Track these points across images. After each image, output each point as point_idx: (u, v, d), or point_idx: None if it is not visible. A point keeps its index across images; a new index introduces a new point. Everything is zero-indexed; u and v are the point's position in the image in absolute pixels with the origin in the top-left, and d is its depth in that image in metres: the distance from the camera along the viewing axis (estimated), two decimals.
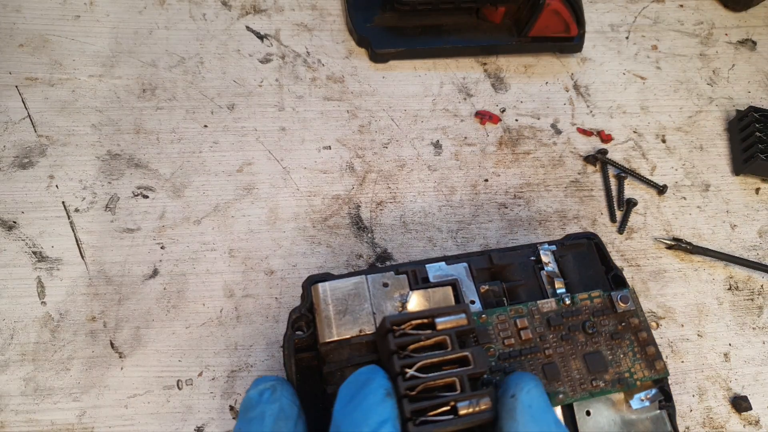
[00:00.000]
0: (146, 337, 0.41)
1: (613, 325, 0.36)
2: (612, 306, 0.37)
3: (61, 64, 0.48)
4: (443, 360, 0.30)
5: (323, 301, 0.35)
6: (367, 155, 0.48)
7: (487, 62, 0.52)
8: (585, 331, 0.36)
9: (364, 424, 0.28)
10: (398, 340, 0.30)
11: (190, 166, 0.46)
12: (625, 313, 0.37)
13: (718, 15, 0.58)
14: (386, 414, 0.28)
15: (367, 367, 0.31)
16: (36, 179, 0.44)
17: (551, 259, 0.39)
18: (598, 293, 0.37)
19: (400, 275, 0.36)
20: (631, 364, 0.35)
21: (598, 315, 0.36)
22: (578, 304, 0.37)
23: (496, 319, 0.35)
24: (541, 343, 0.35)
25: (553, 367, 0.34)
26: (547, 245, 0.39)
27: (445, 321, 0.31)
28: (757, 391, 0.43)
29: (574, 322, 0.36)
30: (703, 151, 0.52)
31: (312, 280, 0.36)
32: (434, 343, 0.31)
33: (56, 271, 0.42)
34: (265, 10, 0.52)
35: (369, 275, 0.36)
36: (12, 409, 0.38)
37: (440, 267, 0.38)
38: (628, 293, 0.37)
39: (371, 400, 0.29)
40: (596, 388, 0.34)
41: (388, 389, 0.29)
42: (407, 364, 0.30)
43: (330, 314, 0.34)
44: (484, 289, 0.37)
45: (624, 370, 0.35)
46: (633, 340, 0.36)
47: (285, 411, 0.31)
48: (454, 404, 0.29)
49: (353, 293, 0.35)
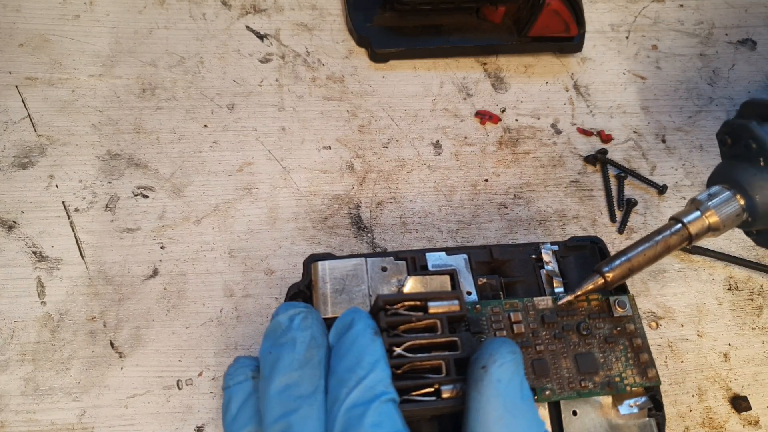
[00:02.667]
0: (146, 337, 0.41)
1: (608, 329, 0.36)
2: (609, 310, 0.37)
3: (60, 63, 0.48)
4: (432, 343, 0.30)
5: (321, 279, 0.35)
6: (367, 155, 0.48)
7: (487, 62, 0.52)
8: (579, 332, 0.36)
9: (358, 366, 0.28)
10: (389, 319, 0.30)
11: (190, 166, 0.46)
12: (621, 318, 0.36)
13: (718, 15, 0.57)
14: (378, 353, 0.28)
15: (349, 310, 0.31)
16: (36, 179, 0.44)
17: (552, 259, 0.39)
18: (596, 296, 0.37)
19: (399, 261, 0.37)
20: (622, 368, 0.35)
21: (593, 317, 0.36)
22: (574, 304, 0.37)
23: (490, 310, 0.36)
24: (533, 338, 0.35)
25: (542, 363, 0.34)
26: (549, 245, 0.39)
27: (437, 305, 0.31)
28: (757, 391, 0.43)
29: (569, 322, 0.36)
30: (703, 151, 0.52)
31: (313, 258, 0.37)
32: (425, 326, 0.31)
33: (56, 271, 0.42)
34: (265, 10, 0.52)
35: (369, 258, 0.36)
36: (12, 409, 0.38)
37: (440, 257, 0.38)
38: (627, 299, 0.37)
39: (361, 342, 0.29)
40: (584, 388, 0.34)
41: (374, 328, 0.29)
42: (396, 342, 0.30)
43: (327, 292, 0.35)
44: (482, 281, 0.37)
45: (615, 374, 0.35)
46: (627, 345, 0.36)
47: (317, 339, 0.30)
48: (438, 387, 0.29)
49: (351, 274, 0.36)
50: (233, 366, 0.32)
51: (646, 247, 0.35)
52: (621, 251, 0.36)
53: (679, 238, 0.35)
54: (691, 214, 0.35)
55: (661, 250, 0.35)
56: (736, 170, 0.36)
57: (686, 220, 0.35)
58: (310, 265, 0.36)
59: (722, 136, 0.38)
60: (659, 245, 0.35)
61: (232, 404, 0.30)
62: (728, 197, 0.35)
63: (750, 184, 0.35)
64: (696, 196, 0.36)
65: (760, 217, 0.35)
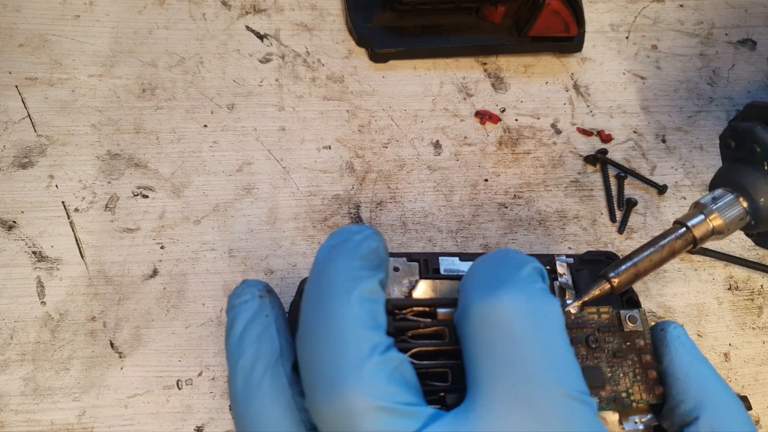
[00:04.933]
0: (146, 337, 0.41)
1: (618, 343, 0.36)
2: (619, 324, 0.36)
3: (60, 63, 0.48)
4: (439, 350, 0.30)
5: None
6: (367, 155, 0.48)
7: (487, 62, 0.52)
8: (588, 345, 0.35)
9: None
10: (397, 324, 0.30)
11: (190, 165, 0.46)
12: (631, 333, 0.36)
13: (718, 15, 0.57)
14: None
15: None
16: (36, 179, 0.44)
17: (566, 271, 0.39)
18: (606, 309, 0.36)
19: (411, 262, 0.36)
20: (630, 384, 0.34)
21: (603, 330, 0.36)
22: (585, 317, 0.36)
23: None
24: None
25: None
26: (565, 257, 0.39)
27: (447, 312, 0.31)
28: (757, 391, 0.43)
29: (578, 334, 0.36)
30: (703, 151, 0.52)
31: None
32: (433, 332, 0.31)
33: (56, 271, 0.42)
34: (265, 10, 0.52)
35: None
36: (12, 409, 0.38)
37: (453, 261, 0.38)
38: (638, 314, 0.37)
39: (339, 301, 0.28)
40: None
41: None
42: (403, 348, 0.30)
43: None
44: None
45: (622, 389, 0.34)
46: (636, 361, 0.35)
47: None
48: (443, 395, 0.29)
49: None
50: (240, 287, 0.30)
51: (652, 251, 0.35)
52: (626, 256, 0.36)
53: (683, 242, 0.35)
54: (695, 218, 0.35)
55: (667, 255, 0.35)
56: (739, 173, 0.36)
57: (690, 223, 0.35)
58: None
59: (725, 139, 0.38)
60: (664, 249, 0.35)
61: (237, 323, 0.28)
62: (732, 200, 0.35)
63: (754, 187, 0.35)
64: (699, 200, 0.36)
65: (764, 220, 0.35)
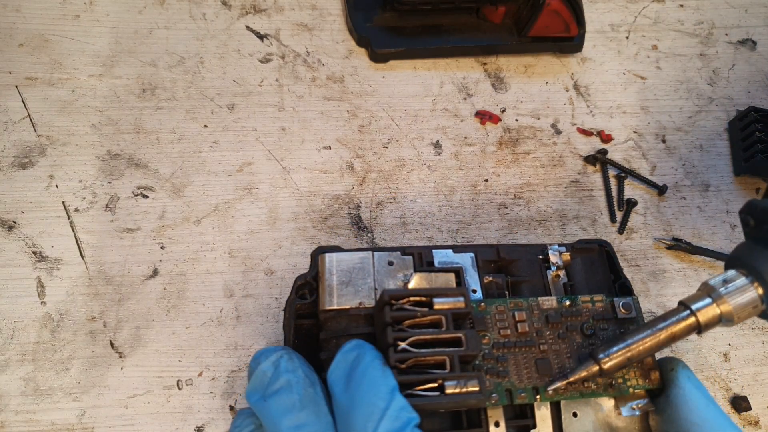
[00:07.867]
0: (146, 337, 0.41)
1: (612, 330, 0.36)
2: (613, 312, 0.37)
3: (60, 63, 0.48)
4: (436, 338, 0.30)
5: (328, 270, 0.35)
6: (367, 155, 0.48)
7: (487, 62, 0.52)
8: (583, 333, 0.36)
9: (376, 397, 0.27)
10: (394, 314, 0.31)
11: (190, 166, 0.46)
12: (625, 321, 0.36)
13: (718, 15, 0.57)
14: (392, 381, 0.28)
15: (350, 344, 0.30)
16: (36, 179, 0.44)
17: (559, 260, 0.39)
18: (600, 297, 0.37)
19: (406, 256, 0.37)
20: (625, 370, 0.35)
21: (598, 318, 0.36)
22: (579, 305, 0.36)
23: (494, 309, 0.36)
24: (537, 338, 0.35)
25: (545, 363, 0.34)
26: (557, 246, 0.39)
27: (443, 302, 0.31)
28: (757, 391, 0.43)
29: (573, 322, 0.36)
30: (703, 151, 0.52)
31: (321, 249, 0.37)
32: (430, 322, 0.31)
33: (56, 271, 0.42)
34: (265, 10, 0.52)
35: (376, 252, 0.36)
36: (12, 409, 0.38)
37: (446, 254, 0.38)
38: (632, 301, 0.37)
39: (373, 373, 0.28)
40: (587, 389, 0.34)
41: (382, 359, 0.29)
42: (400, 337, 0.30)
43: (333, 284, 0.35)
44: (488, 279, 0.38)
45: (617, 375, 0.35)
46: None
47: (310, 377, 0.30)
48: (441, 382, 0.29)
49: (358, 267, 0.36)
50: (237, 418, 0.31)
51: (648, 334, 0.32)
52: (620, 336, 0.33)
53: (686, 327, 0.32)
54: (701, 301, 0.32)
55: (665, 340, 0.32)
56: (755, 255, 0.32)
57: (695, 307, 0.32)
58: (317, 257, 0.36)
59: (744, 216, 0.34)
60: (662, 334, 0.32)
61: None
62: (744, 285, 0.31)
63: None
64: (709, 280, 0.32)
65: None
